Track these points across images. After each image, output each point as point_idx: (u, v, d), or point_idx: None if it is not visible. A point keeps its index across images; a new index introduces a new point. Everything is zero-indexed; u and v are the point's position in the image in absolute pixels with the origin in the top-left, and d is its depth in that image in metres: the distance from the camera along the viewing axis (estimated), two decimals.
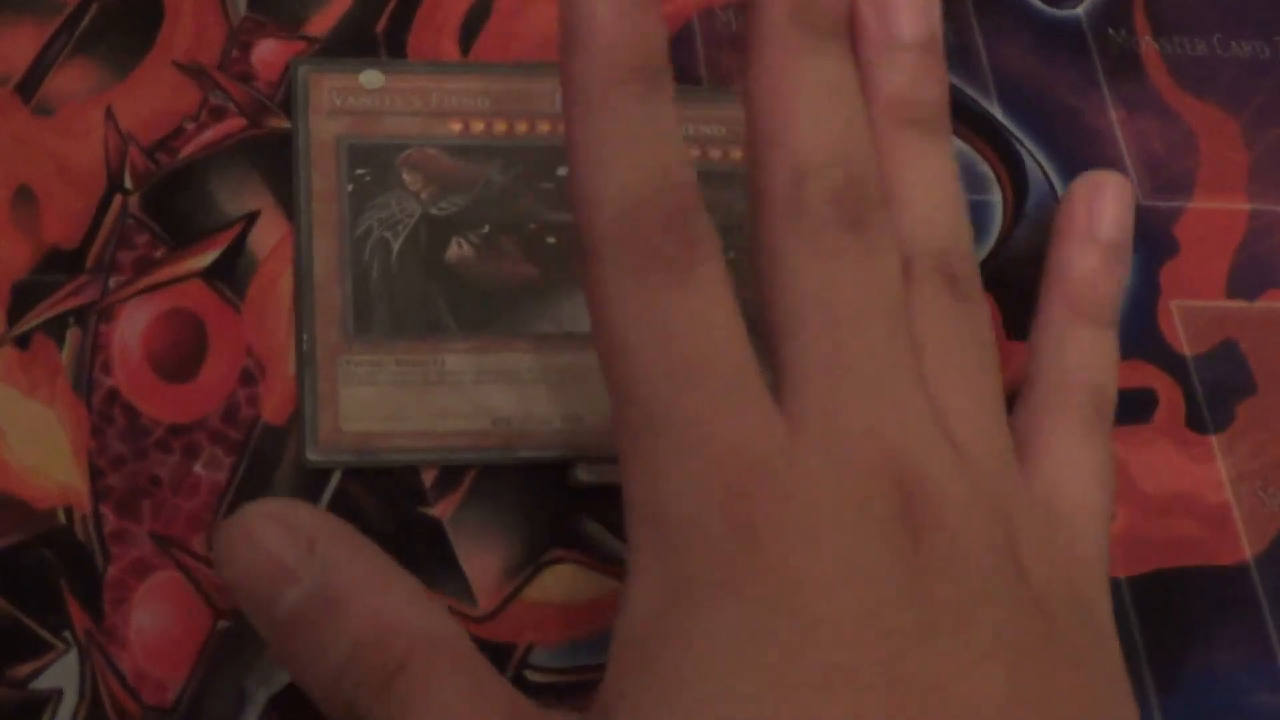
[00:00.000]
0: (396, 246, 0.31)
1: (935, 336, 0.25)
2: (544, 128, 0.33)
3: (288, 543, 0.24)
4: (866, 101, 0.26)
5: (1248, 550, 0.31)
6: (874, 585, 0.22)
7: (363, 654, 0.23)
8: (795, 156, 0.24)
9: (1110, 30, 0.38)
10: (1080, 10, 0.38)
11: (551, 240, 0.32)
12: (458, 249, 0.31)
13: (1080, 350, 0.28)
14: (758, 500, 0.22)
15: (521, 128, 0.33)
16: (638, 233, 0.23)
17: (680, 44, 0.36)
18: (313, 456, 0.29)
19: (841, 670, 0.21)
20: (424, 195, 0.32)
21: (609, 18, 0.23)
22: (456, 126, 0.33)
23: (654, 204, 0.23)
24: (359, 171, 0.32)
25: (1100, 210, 0.28)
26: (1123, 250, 0.28)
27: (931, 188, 0.26)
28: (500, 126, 0.33)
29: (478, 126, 0.33)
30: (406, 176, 0.32)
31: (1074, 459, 0.27)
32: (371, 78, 0.33)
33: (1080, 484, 0.26)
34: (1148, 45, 0.38)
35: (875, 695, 0.21)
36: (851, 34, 0.27)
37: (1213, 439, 0.32)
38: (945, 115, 0.27)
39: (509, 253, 0.32)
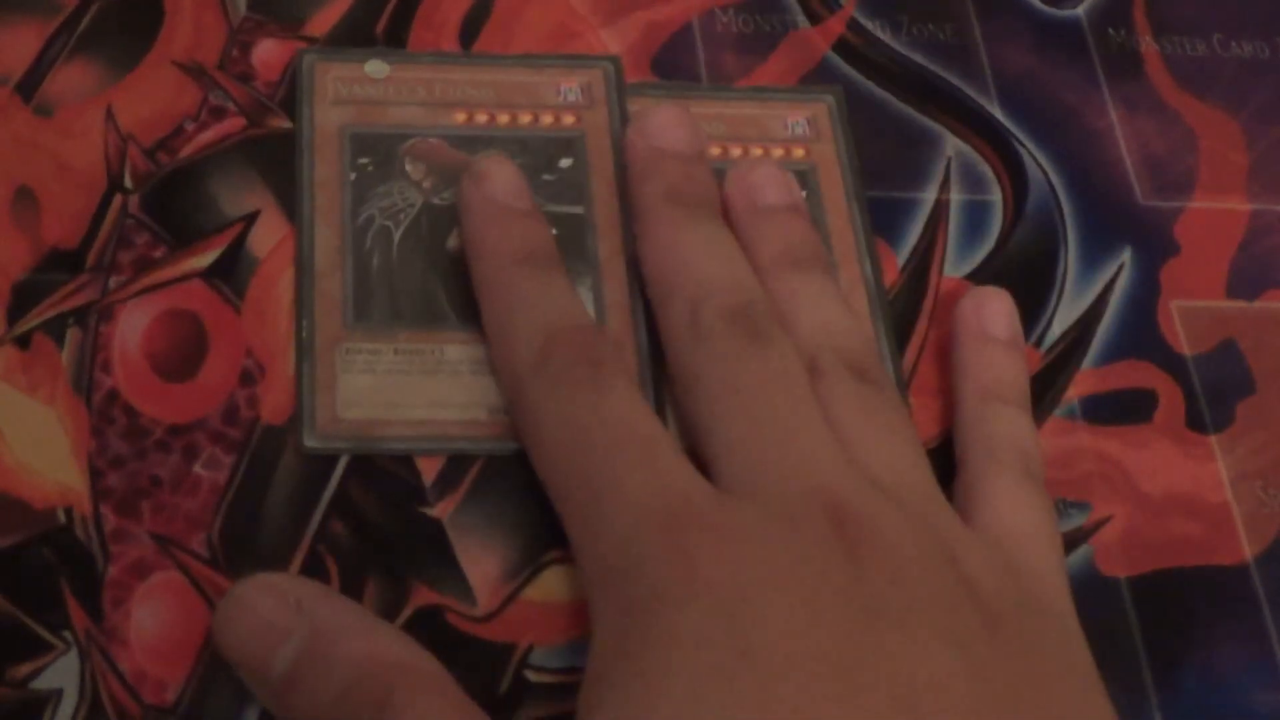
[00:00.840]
0: (398, 236, 0.31)
1: (848, 412, 0.27)
2: (547, 119, 0.33)
3: (278, 605, 0.26)
4: (751, 259, 0.30)
5: (1248, 550, 0.31)
6: (811, 584, 0.24)
7: (354, 689, 0.24)
8: (687, 291, 0.29)
9: (1110, 30, 0.38)
10: (1080, 10, 0.38)
11: (552, 231, 0.32)
12: (458, 239, 0.31)
13: (1000, 422, 0.30)
14: (690, 528, 0.24)
15: (524, 119, 0.33)
16: (551, 361, 0.27)
17: (680, 44, 0.36)
18: (310, 443, 0.29)
19: (788, 659, 0.23)
20: (426, 185, 0.32)
21: (503, 225, 0.30)
22: (460, 117, 0.33)
23: (561, 339, 0.28)
24: (362, 160, 0.32)
25: (987, 313, 0.31)
26: (1015, 344, 0.31)
27: (821, 306, 0.30)
28: (503, 118, 0.33)
29: (481, 117, 0.33)
30: (409, 166, 0.32)
31: (1013, 503, 0.28)
32: (376, 67, 0.34)
33: (1022, 520, 0.28)
34: (1148, 45, 0.38)
35: (828, 678, 0.22)
36: (725, 213, 0.31)
37: (1213, 439, 0.32)
38: (821, 253, 0.31)
39: None
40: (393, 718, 0.24)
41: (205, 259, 0.31)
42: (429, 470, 0.29)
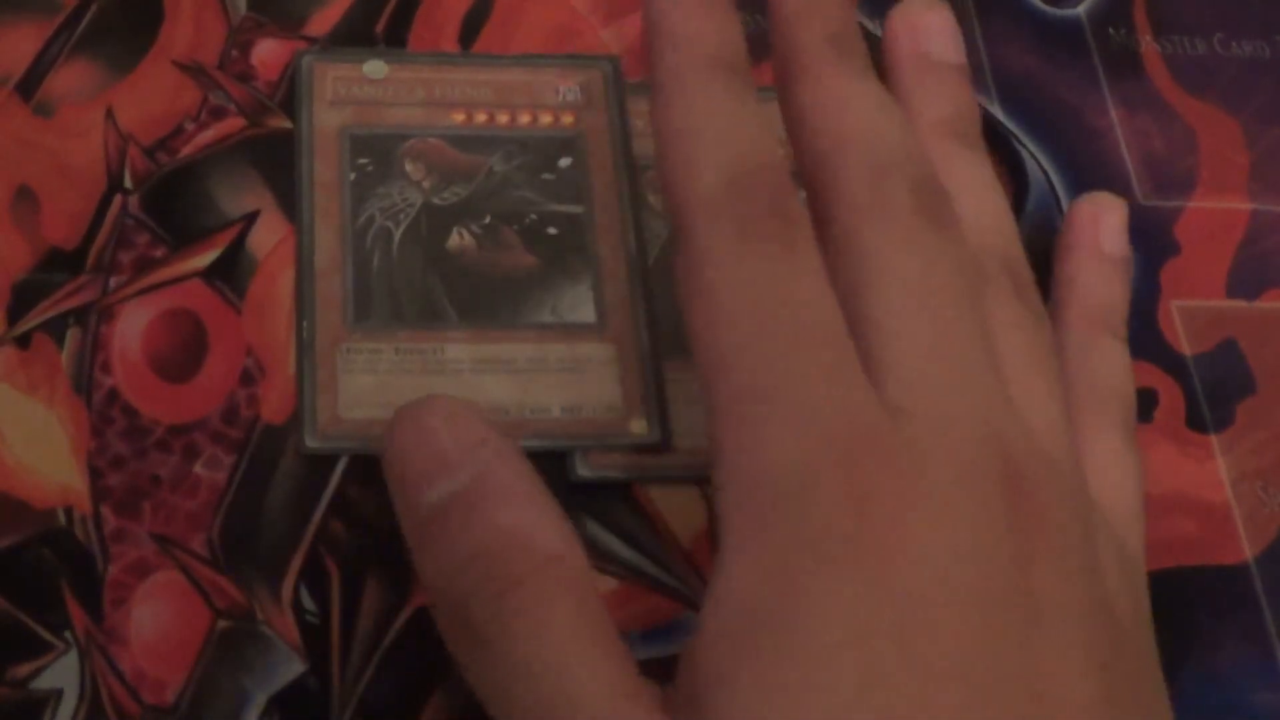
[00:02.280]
0: (398, 236, 0.31)
1: (1013, 343, 0.25)
2: (546, 119, 0.33)
3: (454, 441, 0.24)
4: (911, 120, 0.26)
5: (1248, 550, 0.31)
6: (985, 576, 0.22)
7: (487, 558, 0.23)
8: (871, 156, 0.25)
9: (1110, 30, 0.38)
10: (1080, 10, 0.38)
11: (552, 231, 0.32)
12: (459, 239, 0.31)
13: (1105, 361, 0.28)
14: (871, 469, 0.22)
15: (524, 119, 0.33)
16: (742, 202, 0.23)
17: None
18: (311, 444, 0.29)
19: (951, 664, 0.21)
20: (426, 185, 0.32)
21: (701, 18, 0.25)
22: (459, 117, 0.33)
23: (756, 178, 0.23)
24: (361, 161, 0.32)
25: (1106, 226, 0.30)
26: (1127, 265, 0.30)
27: (985, 196, 0.27)
28: (503, 117, 0.33)
29: (480, 117, 0.33)
30: (409, 166, 0.32)
31: (1117, 464, 0.27)
32: (375, 68, 0.34)
33: (1123, 487, 0.27)
34: (1148, 45, 0.38)
35: (982, 693, 0.21)
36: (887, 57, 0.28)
37: (1213, 439, 0.32)
38: (980, 130, 0.28)
39: (509, 243, 0.32)
40: (512, 609, 0.22)
41: (205, 259, 0.31)
42: None
